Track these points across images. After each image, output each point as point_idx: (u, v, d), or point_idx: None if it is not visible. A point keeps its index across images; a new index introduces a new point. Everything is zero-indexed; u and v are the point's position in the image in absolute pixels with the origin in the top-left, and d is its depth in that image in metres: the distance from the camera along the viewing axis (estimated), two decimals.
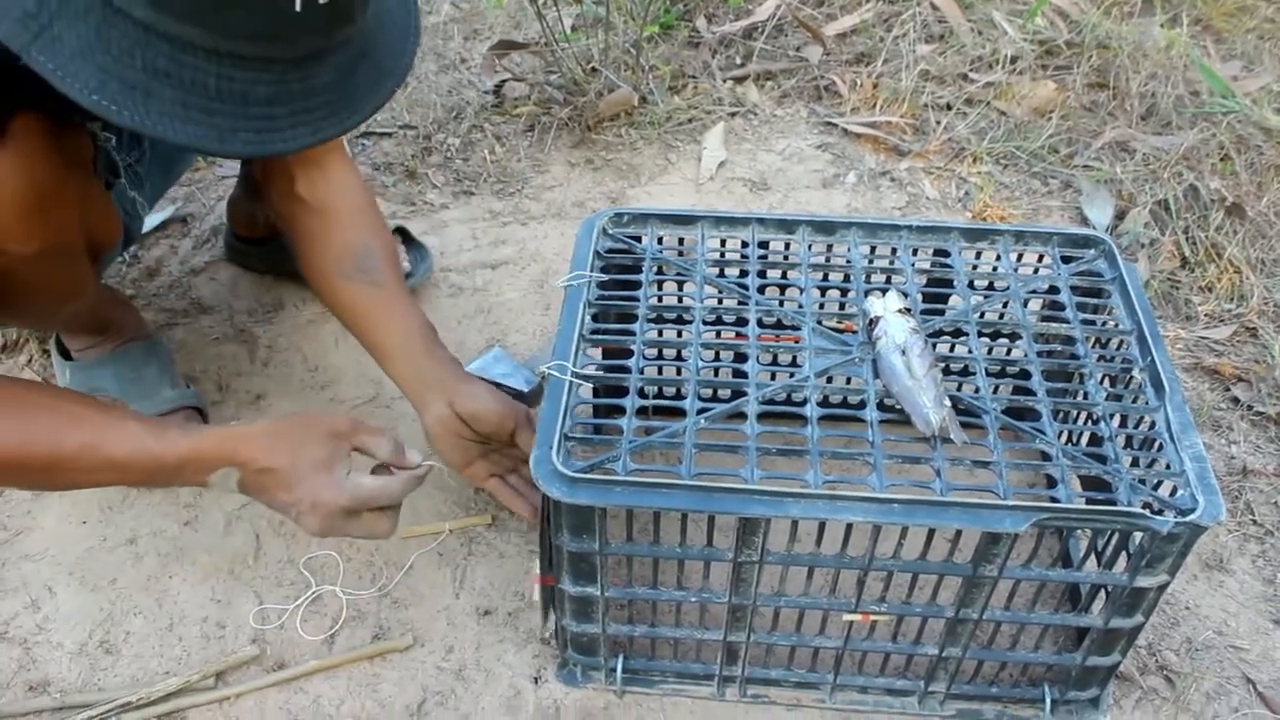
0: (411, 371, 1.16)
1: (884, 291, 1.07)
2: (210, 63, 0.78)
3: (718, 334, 1.09)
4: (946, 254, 1.15)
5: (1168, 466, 0.93)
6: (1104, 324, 1.09)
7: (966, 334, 1.07)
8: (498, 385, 1.26)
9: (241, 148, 0.82)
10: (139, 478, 1.04)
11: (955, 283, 1.12)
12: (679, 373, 1.29)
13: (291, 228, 1.22)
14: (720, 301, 1.11)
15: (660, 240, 1.16)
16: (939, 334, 1.10)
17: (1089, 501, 0.99)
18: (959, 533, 0.90)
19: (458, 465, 1.18)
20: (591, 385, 1.01)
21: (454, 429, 1.14)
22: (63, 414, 0.96)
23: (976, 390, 1.00)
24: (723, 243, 1.17)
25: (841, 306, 1.16)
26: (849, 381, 1.03)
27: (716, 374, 1.17)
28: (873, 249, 1.17)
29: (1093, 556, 1.06)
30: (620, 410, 0.98)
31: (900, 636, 1.03)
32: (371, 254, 1.18)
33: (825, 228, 1.16)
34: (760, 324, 1.06)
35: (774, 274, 1.15)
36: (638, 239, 1.16)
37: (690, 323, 1.07)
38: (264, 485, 0.99)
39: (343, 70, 0.85)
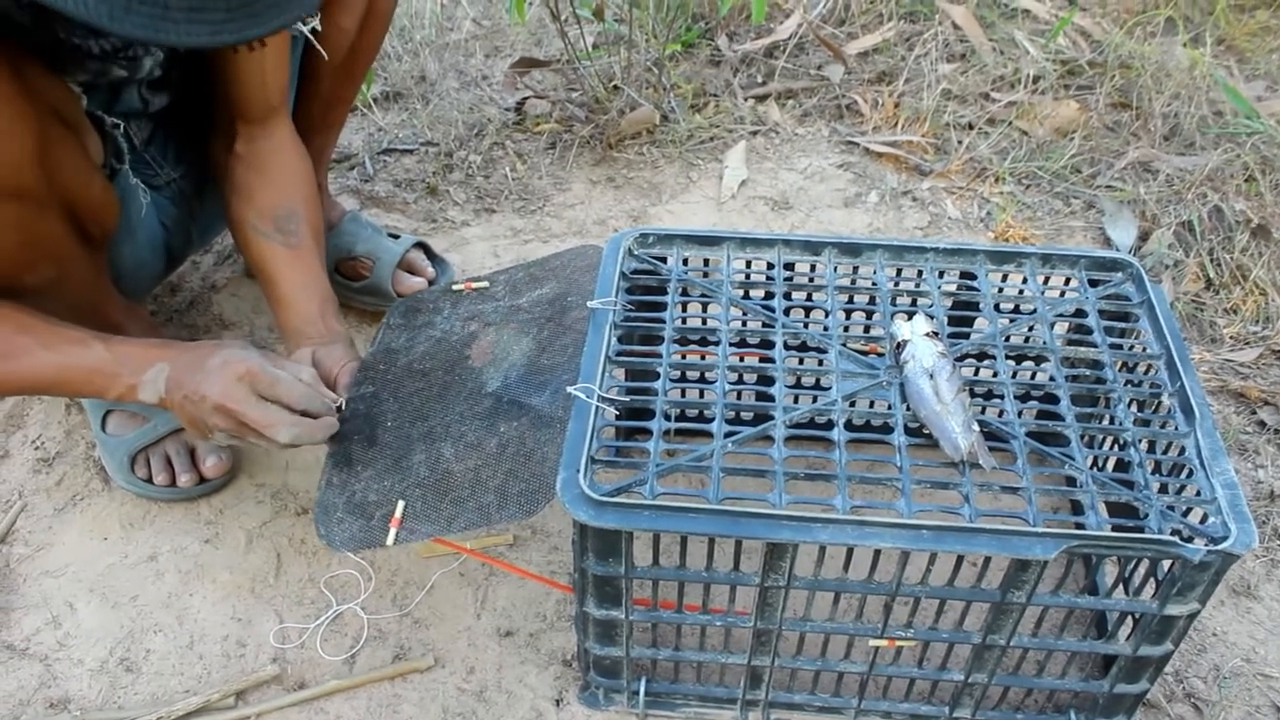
0: (297, 322, 1.22)
1: (910, 314, 1.06)
2: None
3: (741, 358, 1.09)
4: (973, 276, 1.15)
5: (1198, 493, 0.92)
6: (1132, 348, 1.08)
7: (993, 357, 1.06)
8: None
9: (132, 29, 0.79)
10: (79, 376, 1.06)
11: (982, 305, 1.11)
12: (702, 395, 1.29)
13: (224, 179, 1.27)
14: (745, 324, 1.11)
15: (685, 261, 1.16)
16: (964, 357, 1.09)
17: (1117, 528, 0.98)
18: (987, 559, 0.89)
19: None
20: (616, 408, 1.01)
21: None
22: (11, 321, 1.03)
23: (1002, 414, 1.00)
24: (748, 264, 1.17)
25: (867, 329, 1.16)
26: (872, 405, 1.02)
27: (740, 397, 1.16)
28: (899, 271, 1.17)
29: (1119, 583, 1.05)
30: (644, 432, 0.97)
31: (926, 662, 1.03)
32: (294, 217, 1.24)
33: (851, 249, 1.15)
34: (786, 346, 1.06)
35: (799, 296, 1.14)
36: (663, 259, 1.16)
37: (715, 344, 1.07)
38: (184, 378, 1.04)
39: None
